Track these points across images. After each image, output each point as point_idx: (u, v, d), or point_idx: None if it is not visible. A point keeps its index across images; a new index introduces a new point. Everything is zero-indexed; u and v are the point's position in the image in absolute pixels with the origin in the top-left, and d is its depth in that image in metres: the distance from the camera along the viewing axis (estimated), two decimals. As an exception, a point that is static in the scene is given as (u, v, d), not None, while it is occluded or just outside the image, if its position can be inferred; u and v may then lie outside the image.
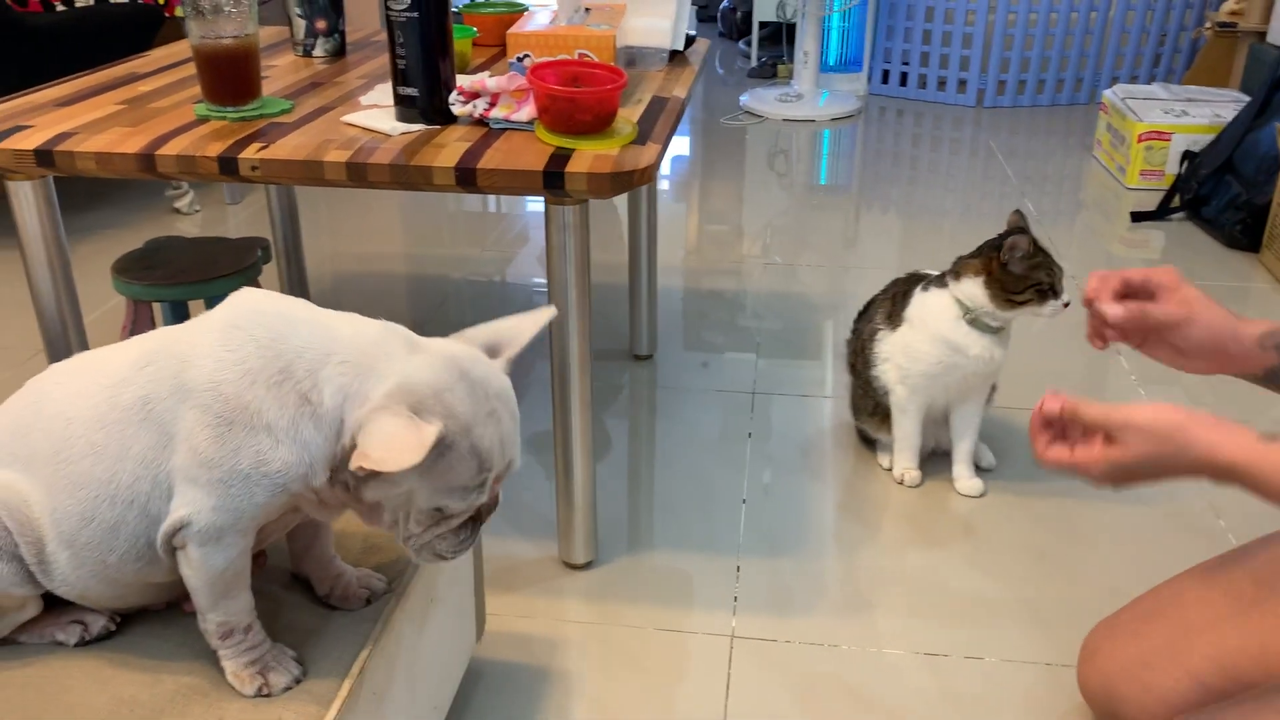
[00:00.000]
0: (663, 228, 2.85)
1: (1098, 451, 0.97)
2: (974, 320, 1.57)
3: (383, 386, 0.79)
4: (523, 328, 0.90)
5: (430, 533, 0.85)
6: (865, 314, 1.77)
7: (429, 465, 0.78)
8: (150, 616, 0.96)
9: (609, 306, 2.37)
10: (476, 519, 0.88)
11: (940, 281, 1.62)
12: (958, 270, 1.59)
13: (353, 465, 0.78)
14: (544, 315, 0.92)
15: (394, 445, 0.76)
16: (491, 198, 3.14)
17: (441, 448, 0.79)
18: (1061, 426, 1.02)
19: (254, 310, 0.84)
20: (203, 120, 1.37)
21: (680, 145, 3.68)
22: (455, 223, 2.94)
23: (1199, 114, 3.05)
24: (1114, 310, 1.09)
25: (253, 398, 0.80)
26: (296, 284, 2.18)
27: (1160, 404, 0.96)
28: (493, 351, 0.88)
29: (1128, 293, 1.11)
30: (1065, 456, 0.99)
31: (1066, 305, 1.54)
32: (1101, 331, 1.13)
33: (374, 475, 0.80)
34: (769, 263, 2.61)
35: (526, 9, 1.75)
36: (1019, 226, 1.54)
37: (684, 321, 2.31)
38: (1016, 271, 1.52)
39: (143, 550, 0.86)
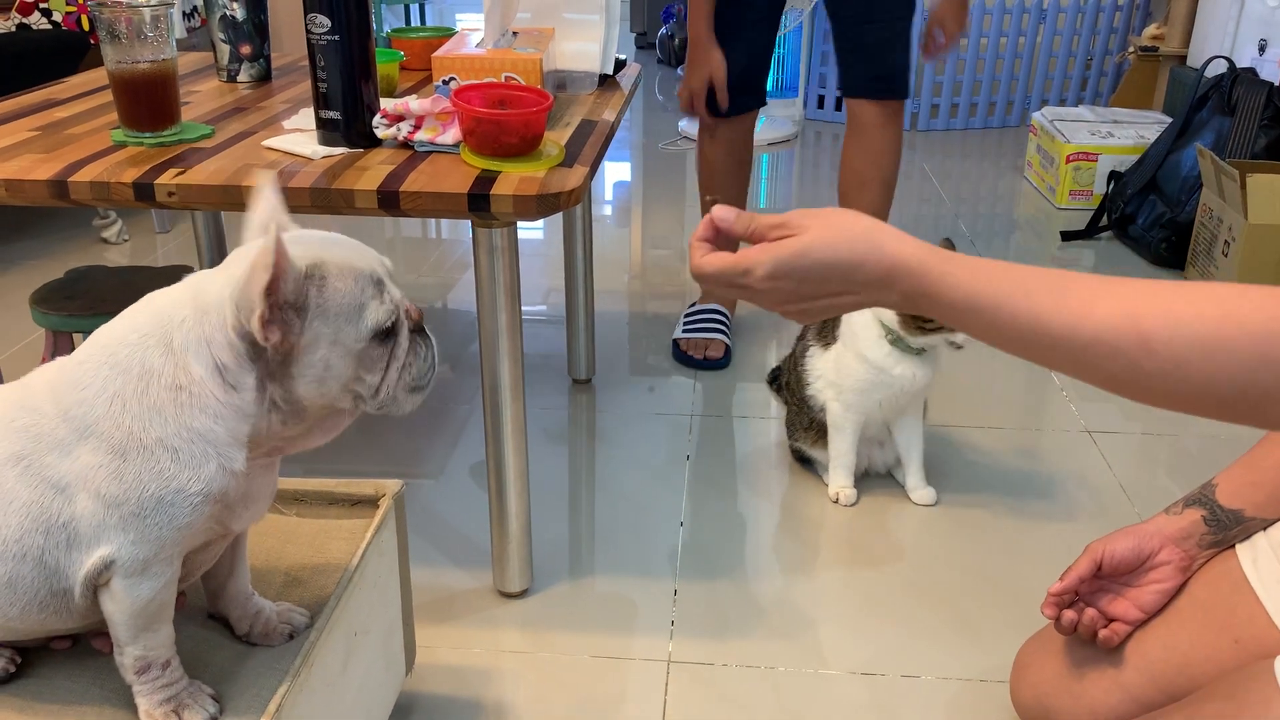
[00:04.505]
0: (604, 252, 2.85)
1: (769, 246, 0.79)
2: (895, 341, 1.58)
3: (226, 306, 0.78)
4: (267, 197, 0.85)
5: (391, 370, 0.84)
6: (802, 334, 1.77)
7: (320, 304, 0.78)
8: (56, 655, 0.93)
9: (550, 331, 2.36)
10: (417, 332, 0.87)
11: None
12: None
13: (257, 332, 0.76)
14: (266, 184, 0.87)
15: (251, 271, 0.75)
16: (431, 224, 3.11)
17: (314, 280, 0.78)
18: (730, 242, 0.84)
19: (92, 339, 0.82)
20: (119, 146, 1.34)
21: (621, 170, 3.69)
22: (393, 249, 2.90)
23: (1124, 135, 3.13)
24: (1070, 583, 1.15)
25: (131, 420, 0.77)
26: (226, 313, 2.14)
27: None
28: None
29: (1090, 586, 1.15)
30: (727, 260, 0.81)
31: None
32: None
33: (290, 359, 0.79)
34: (708, 285, 2.61)
35: (455, 33, 1.74)
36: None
37: (625, 346, 2.30)
38: None
39: (46, 601, 0.83)
